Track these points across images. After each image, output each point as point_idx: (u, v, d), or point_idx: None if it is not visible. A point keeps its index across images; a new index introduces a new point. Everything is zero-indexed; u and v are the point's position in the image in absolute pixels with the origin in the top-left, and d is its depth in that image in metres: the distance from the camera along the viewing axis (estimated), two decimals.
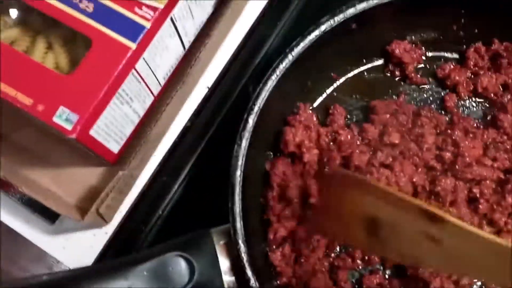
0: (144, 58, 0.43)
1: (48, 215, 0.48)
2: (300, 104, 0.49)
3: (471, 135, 0.47)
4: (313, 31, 0.47)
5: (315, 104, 0.51)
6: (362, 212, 0.38)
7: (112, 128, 0.44)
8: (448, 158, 0.46)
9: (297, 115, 0.48)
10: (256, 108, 0.45)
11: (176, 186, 0.50)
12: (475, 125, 0.48)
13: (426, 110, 0.48)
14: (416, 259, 0.38)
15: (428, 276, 0.44)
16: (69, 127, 0.40)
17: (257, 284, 0.41)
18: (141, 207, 0.49)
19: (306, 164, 0.46)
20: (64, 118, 0.40)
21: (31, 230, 0.48)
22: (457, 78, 0.50)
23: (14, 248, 0.49)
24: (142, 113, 0.47)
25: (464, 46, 0.51)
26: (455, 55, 0.52)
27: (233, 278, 0.42)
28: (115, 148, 0.46)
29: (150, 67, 0.44)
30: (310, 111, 0.49)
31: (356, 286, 0.46)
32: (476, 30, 0.51)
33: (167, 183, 0.50)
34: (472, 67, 0.51)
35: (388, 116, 0.48)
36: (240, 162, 0.44)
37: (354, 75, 0.52)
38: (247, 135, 0.44)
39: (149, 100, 0.47)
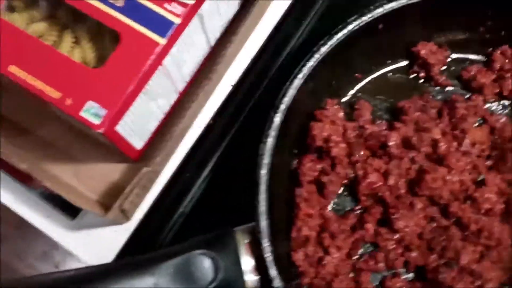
0: (171, 54, 0.42)
1: (69, 211, 0.48)
2: (327, 99, 0.48)
3: None
4: (341, 30, 0.47)
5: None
6: None
7: (138, 124, 0.44)
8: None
9: (324, 110, 0.48)
10: (282, 107, 0.44)
11: (198, 184, 0.50)
12: None
13: (460, 100, 0.48)
14: None
15: (450, 280, 0.43)
16: (97, 121, 0.40)
17: (281, 284, 0.41)
18: (162, 204, 0.49)
19: (335, 158, 0.46)
20: (92, 112, 0.40)
21: (51, 225, 0.48)
22: (482, 80, 0.50)
23: (23, 244, 0.48)
24: (167, 109, 0.47)
25: (491, 49, 0.51)
26: (481, 57, 0.51)
27: (256, 278, 0.42)
28: (138, 144, 0.46)
29: (177, 63, 0.44)
30: (337, 106, 0.49)
31: None
32: (503, 33, 0.50)
33: (189, 180, 0.49)
34: (498, 70, 0.50)
35: (418, 113, 0.47)
36: (266, 160, 0.43)
37: (378, 76, 0.51)
38: (273, 133, 0.44)
39: (174, 96, 0.47)
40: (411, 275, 0.46)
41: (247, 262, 0.42)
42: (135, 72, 0.40)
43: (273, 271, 0.41)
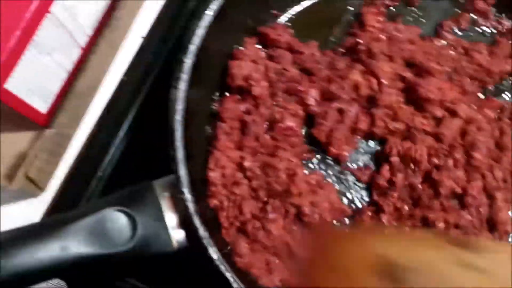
0: (61, 2, 0.39)
1: None
2: (246, 38, 0.45)
3: None
4: None
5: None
6: (373, 260, 0.33)
7: (34, 82, 0.40)
8: None
9: (243, 49, 0.45)
10: (192, 47, 0.41)
11: (116, 144, 0.46)
12: None
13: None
14: None
15: None
16: None
17: (207, 234, 0.38)
18: (80, 170, 0.45)
19: (257, 98, 0.43)
20: None
21: None
22: None
23: None
24: (69, 67, 0.43)
25: None
26: None
27: (182, 233, 0.39)
28: (42, 107, 0.42)
29: (69, 12, 0.40)
30: (257, 46, 0.46)
31: None
32: None
33: (106, 141, 0.46)
34: None
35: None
36: (181, 106, 0.40)
37: (297, 12, 0.48)
38: (184, 76, 0.40)
39: (76, 51, 0.43)
40: None
41: (170, 217, 0.38)
42: (17, 21, 0.36)
43: (196, 221, 0.38)
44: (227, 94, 0.45)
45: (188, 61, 0.41)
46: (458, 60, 0.45)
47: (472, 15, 0.48)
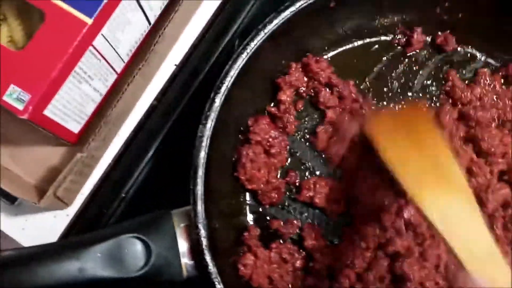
0: (103, 34, 0.40)
1: (7, 195, 0.46)
2: (292, 63, 0.47)
3: None
4: (288, 7, 0.44)
5: None
6: None
7: (71, 108, 0.42)
8: None
9: (287, 77, 0.47)
10: (223, 87, 0.43)
11: (141, 168, 0.48)
12: None
13: None
14: None
15: None
16: (20, 107, 0.38)
17: (216, 270, 0.40)
18: (104, 189, 0.47)
19: (288, 125, 0.46)
20: (15, 97, 0.38)
21: None
22: None
23: None
24: (104, 91, 0.45)
25: (448, 31, 0.49)
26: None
27: (192, 262, 0.40)
28: (75, 128, 0.44)
29: (110, 44, 0.42)
30: (301, 71, 0.47)
31: None
32: (460, 15, 0.48)
33: (131, 164, 0.48)
34: None
35: None
36: (205, 143, 0.42)
37: (331, 56, 0.49)
38: (213, 115, 0.42)
39: (112, 77, 0.45)
40: None
41: (182, 244, 0.40)
42: (61, 54, 0.38)
43: (207, 257, 0.40)
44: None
45: (218, 101, 0.42)
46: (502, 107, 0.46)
47: None
